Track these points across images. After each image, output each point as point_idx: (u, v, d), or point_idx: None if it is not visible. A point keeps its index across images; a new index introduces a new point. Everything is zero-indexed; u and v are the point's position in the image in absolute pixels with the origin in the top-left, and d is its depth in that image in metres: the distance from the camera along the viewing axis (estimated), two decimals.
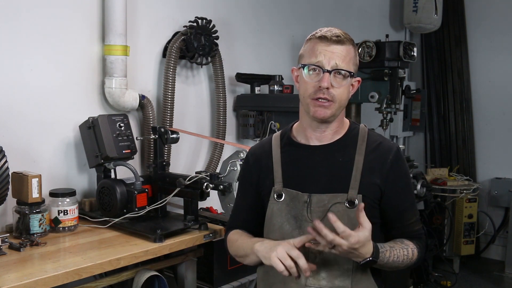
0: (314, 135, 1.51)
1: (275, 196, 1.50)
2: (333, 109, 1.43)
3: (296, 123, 1.59)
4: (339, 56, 1.40)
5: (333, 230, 1.29)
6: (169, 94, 2.61)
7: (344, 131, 1.52)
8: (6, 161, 1.84)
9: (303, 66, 1.44)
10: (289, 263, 1.32)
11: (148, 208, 2.14)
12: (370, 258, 1.34)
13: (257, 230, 1.57)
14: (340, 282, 1.43)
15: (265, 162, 1.56)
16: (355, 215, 1.33)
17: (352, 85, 1.49)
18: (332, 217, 1.28)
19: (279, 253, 1.34)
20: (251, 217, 1.60)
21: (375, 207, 1.47)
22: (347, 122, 1.56)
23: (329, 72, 1.40)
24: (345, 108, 1.52)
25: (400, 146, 1.86)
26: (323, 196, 1.44)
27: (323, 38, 1.41)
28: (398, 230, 1.52)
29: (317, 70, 1.41)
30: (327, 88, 1.40)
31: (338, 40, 1.41)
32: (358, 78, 1.52)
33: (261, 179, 1.56)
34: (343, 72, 1.41)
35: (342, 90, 1.43)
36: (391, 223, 1.52)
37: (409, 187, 1.54)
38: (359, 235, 1.29)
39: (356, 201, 1.41)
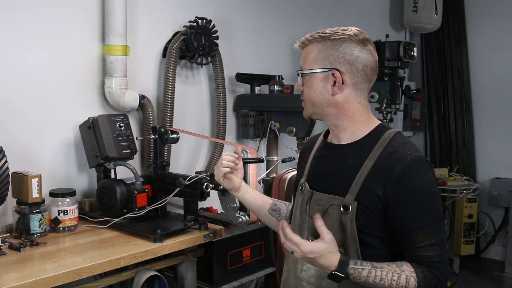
0: (332, 133, 1.53)
1: (300, 188, 1.55)
2: (307, 108, 1.49)
3: None
4: (301, 59, 1.49)
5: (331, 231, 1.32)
6: (169, 94, 2.61)
7: (364, 133, 1.45)
8: (6, 161, 1.84)
9: None
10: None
11: (148, 208, 2.14)
12: (334, 272, 1.29)
13: None
14: (327, 283, 1.40)
15: (307, 154, 1.62)
16: (346, 221, 1.34)
17: (334, 81, 1.40)
18: (283, 222, 1.35)
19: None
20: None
21: (375, 219, 1.36)
22: (373, 124, 1.47)
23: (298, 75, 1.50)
24: (347, 109, 1.43)
25: None
26: (322, 195, 1.44)
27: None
28: (407, 252, 1.36)
29: None
30: (299, 90, 1.51)
31: (302, 46, 1.50)
32: (337, 72, 1.39)
33: (299, 169, 1.64)
34: (300, 72, 1.47)
35: (307, 89, 1.46)
36: (400, 242, 1.37)
37: (422, 204, 1.33)
38: (313, 245, 1.28)
39: (350, 207, 1.36)
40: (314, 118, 1.53)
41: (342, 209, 1.37)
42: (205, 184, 2.09)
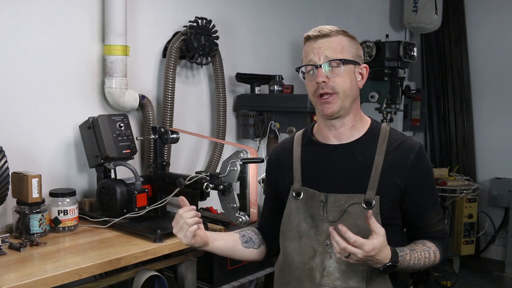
0: (331, 133, 1.49)
1: (294, 194, 1.50)
2: (339, 100, 1.42)
3: (316, 123, 1.58)
4: (327, 48, 1.41)
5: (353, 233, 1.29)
6: (169, 94, 2.61)
7: (364, 130, 1.50)
8: (6, 161, 1.84)
9: (298, 70, 1.48)
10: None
11: (148, 208, 2.14)
12: (390, 263, 1.32)
13: (275, 227, 1.58)
14: (354, 283, 1.41)
15: (285, 160, 1.57)
16: (366, 221, 1.32)
17: (360, 74, 1.48)
18: (342, 228, 1.27)
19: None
20: (270, 215, 1.65)
21: (395, 209, 1.44)
22: (367, 120, 1.53)
23: (321, 66, 1.41)
24: (358, 103, 1.50)
25: None
26: (340, 196, 1.43)
27: (308, 38, 1.45)
28: (421, 230, 1.49)
29: (311, 69, 1.44)
30: (324, 82, 1.41)
31: (323, 35, 1.42)
32: (364, 65, 1.50)
33: (280, 178, 1.58)
34: (335, 61, 1.41)
35: (342, 79, 1.41)
36: (414, 223, 1.50)
37: (432, 186, 1.51)
38: (373, 243, 1.27)
39: (374, 202, 1.39)
40: (336, 116, 1.45)
41: (364, 205, 1.40)
42: (205, 184, 2.09)
